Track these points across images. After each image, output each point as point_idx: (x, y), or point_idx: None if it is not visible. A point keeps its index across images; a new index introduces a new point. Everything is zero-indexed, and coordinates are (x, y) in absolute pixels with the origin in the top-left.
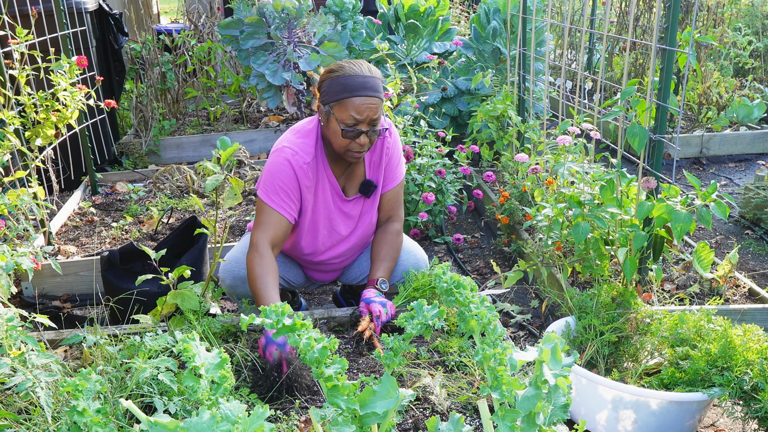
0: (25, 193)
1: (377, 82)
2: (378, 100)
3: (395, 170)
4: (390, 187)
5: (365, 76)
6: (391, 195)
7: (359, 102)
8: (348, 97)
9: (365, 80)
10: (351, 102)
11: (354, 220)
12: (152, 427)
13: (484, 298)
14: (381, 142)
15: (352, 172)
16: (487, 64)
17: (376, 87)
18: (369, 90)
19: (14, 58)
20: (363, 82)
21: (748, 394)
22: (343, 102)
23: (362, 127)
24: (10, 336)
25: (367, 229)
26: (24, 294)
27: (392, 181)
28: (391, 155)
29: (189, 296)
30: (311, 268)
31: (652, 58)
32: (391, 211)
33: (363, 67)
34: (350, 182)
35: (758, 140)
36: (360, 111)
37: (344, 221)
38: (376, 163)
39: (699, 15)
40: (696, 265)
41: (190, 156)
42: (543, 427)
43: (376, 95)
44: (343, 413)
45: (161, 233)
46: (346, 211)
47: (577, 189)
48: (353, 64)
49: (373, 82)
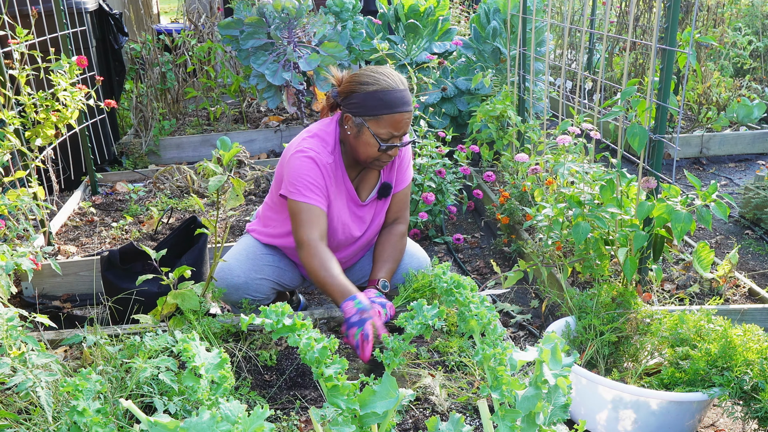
0: (25, 193)
1: (410, 95)
2: (411, 115)
3: (406, 171)
4: (400, 188)
5: (402, 90)
6: (400, 196)
7: (399, 118)
8: (388, 113)
9: (403, 95)
10: (392, 118)
11: (366, 223)
12: (152, 427)
13: (484, 298)
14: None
15: (365, 176)
16: (487, 64)
17: (410, 100)
18: (407, 105)
19: (14, 58)
20: (401, 98)
21: (748, 394)
22: (383, 118)
23: (396, 141)
24: (10, 336)
25: (376, 230)
26: (24, 294)
27: (402, 182)
28: (403, 157)
29: (189, 296)
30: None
31: (652, 58)
32: (399, 212)
33: (396, 79)
34: (363, 186)
35: (758, 140)
36: (399, 127)
37: (358, 224)
38: (389, 166)
39: (699, 15)
40: (696, 265)
41: (190, 156)
42: (543, 427)
43: (411, 109)
44: (343, 413)
45: (161, 233)
46: (361, 215)
47: (577, 189)
48: (386, 77)
49: (408, 96)
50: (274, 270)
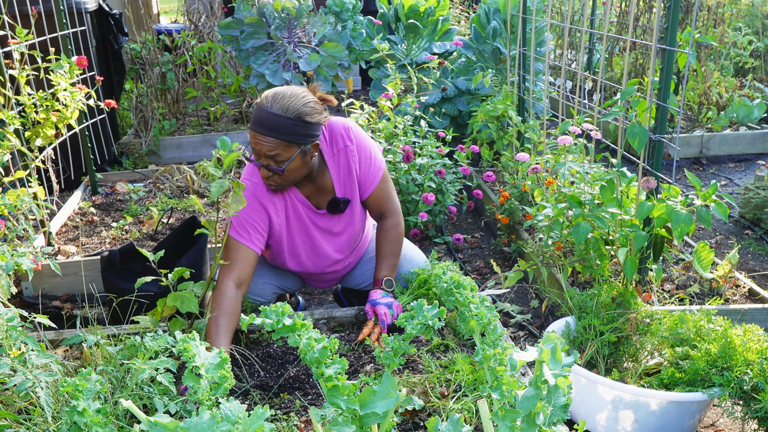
0: (25, 194)
1: (282, 123)
2: (275, 141)
3: (369, 173)
4: (370, 190)
5: (264, 110)
6: (375, 196)
7: (252, 134)
8: (250, 126)
9: (260, 115)
10: (250, 132)
11: (334, 235)
12: (152, 427)
13: (484, 298)
14: (344, 153)
15: (321, 187)
16: (487, 64)
17: (276, 127)
18: (260, 126)
19: (14, 58)
20: (257, 117)
21: (748, 394)
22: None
23: (261, 161)
24: (10, 336)
25: (351, 241)
26: (24, 294)
27: (371, 184)
28: (360, 160)
29: (188, 299)
30: (309, 280)
31: (652, 58)
32: (381, 208)
33: (277, 104)
34: (321, 197)
35: (758, 140)
36: (254, 143)
37: (325, 237)
38: (345, 176)
39: (699, 15)
40: (696, 265)
41: (190, 156)
42: (543, 427)
43: (271, 135)
44: (343, 413)
45: (161, 233)
46: (324, 227)
47: (577, 189)
48: (268, 96)
49: (274, 120)
50: (276, 274)
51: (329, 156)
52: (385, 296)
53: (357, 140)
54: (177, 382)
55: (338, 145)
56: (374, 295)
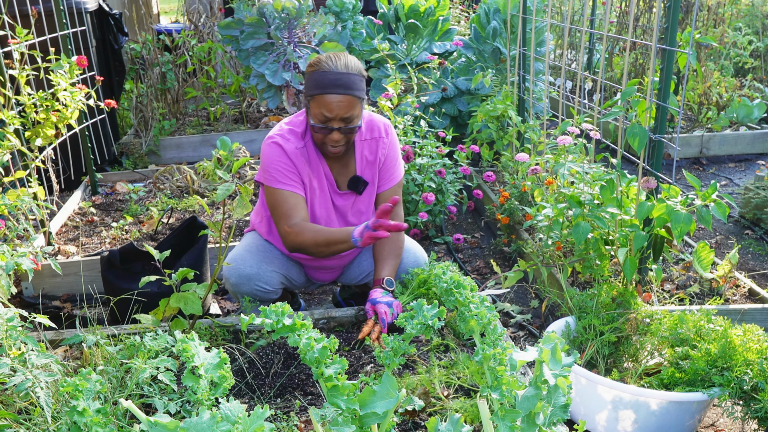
0: (25, 194)
1: (352, 79)
2: (350, 98)
3: (391, 170)
4: (387, 187)
5: (339, 73)
6: (388, 195)
7: (330, 100)
8: (319, 93)
9: (338, 78)
10: (322, 99)
11: (347, 218)
12: (152, 427)
13: (484, 298)
14: (376, 142)
15: (345, 166)
16: (487, 64)
17: (349, 84)
18: (340, 88)
19: (14, 58)
20: (335, 80)
21: (748, 394)
22: (315, 98)
23: (333, 124)
24: (10, 336)
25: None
26: (24, 294)
27: (389, 182)
28: (387, 155)
29: (192, 300)
30: (312, 268)
31: (652, 58)
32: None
33: (340, 62)
34: (342, 176)
35: (758, 140)
36: (330, 109)
37: (339, 219)
38: (368, 161)
39: (699, 15)
40: (696, 265)
41: (190, 156)
42: (543, 428)
43: (348, 93)
44: (343, 413)
45: (161, 233)
46: (340, 207)
47: (577, 189)
48: (330, 59)
49: (347, 79)
50: (282, 263)
51: (360, 139)
52: (385, 295)
53: (392, 138)
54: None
55: (374, 134)
56: (374, 294)
